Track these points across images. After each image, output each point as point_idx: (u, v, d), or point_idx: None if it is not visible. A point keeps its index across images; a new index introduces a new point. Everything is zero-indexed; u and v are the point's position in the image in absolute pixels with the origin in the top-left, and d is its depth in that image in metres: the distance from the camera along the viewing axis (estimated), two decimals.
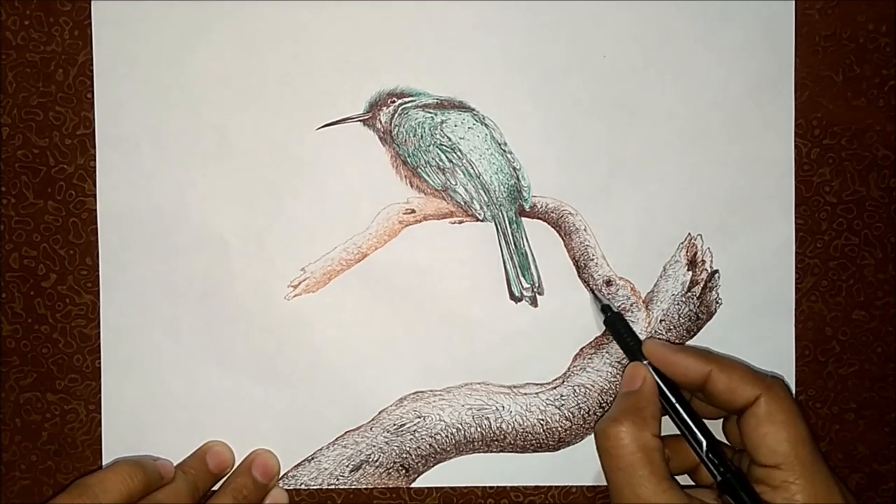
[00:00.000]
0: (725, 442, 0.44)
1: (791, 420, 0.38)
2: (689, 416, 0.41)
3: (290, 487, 0.47)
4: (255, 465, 0.46)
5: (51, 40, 0.46)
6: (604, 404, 0.47)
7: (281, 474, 0.47)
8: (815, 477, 0.37)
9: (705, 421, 0.42)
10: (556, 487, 0.47)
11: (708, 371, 0.40)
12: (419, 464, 0.47)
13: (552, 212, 0.47)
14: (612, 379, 0.47)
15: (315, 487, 0.47)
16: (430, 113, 0.47)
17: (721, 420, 0.44)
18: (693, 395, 0.43)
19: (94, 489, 0.41)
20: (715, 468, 0.40)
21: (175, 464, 0.45)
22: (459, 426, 0.47)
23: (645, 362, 0.43)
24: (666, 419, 0.42)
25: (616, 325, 0.45)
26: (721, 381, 0.40)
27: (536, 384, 0.47)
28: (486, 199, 0.47)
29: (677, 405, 0.41)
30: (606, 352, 0.47)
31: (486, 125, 0.47)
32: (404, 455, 0.47)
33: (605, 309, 0.45)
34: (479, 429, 0.47)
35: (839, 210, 0.47)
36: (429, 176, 0.47)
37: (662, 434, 0.41)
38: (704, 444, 0.40)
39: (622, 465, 0.39)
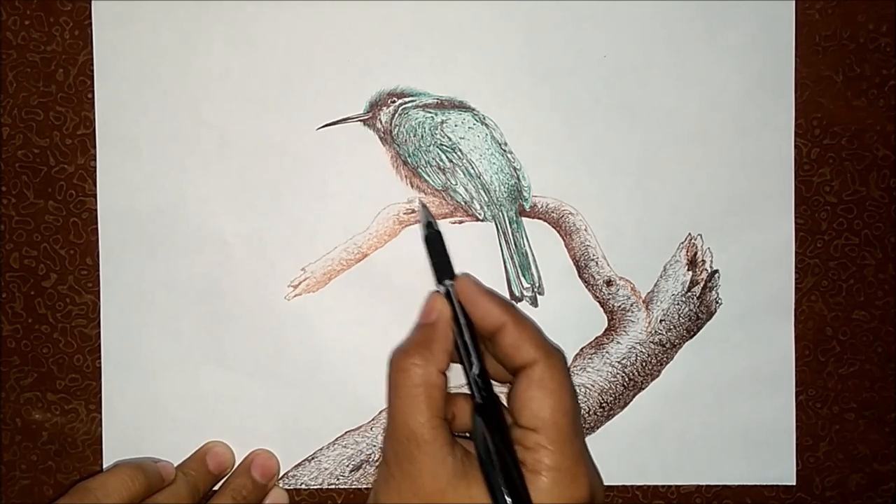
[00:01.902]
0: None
1: (559, 391, 0.39)
2: (473, 343, 0.41)
3: (291, 487, 0.47)
4: (254, 465, 0.46)
5: (51, 40, 0.46)
6: (604, 404, 0.47)
7: (281, 474, 0.47)
8: (566, 447, 0.38)
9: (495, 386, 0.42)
10: None
11: (504, 321, 0.40)
12: None
13: (552, 212, 0.47)
14: (613, 379, 0.47)
15: (315, 487, 0.47)
16: (430, 113, 0.47)
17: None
18: (486, 351, 0.43)
19: (95, 492, 0.41)
20: (479, 390, 0.40)
21: (175, 464, 0.45)
22: None
23: (442, 290, 0.42)
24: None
25: (435, 244, 0.43)
26: (511, 334, 0.40)
27: None
28: (486, 198, 0.47)
29: (464, 329, 0.41)
30: (606, 352, 0.47)
31: (486, 125, 0.47)
32: None
33: (429, 225, 0.44)
34: None
35: (839, 210, 0.47)
36: (429, 176, 0.47)
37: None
38: (476, 367, 0.40)
39: (401, 394, 0.39)
